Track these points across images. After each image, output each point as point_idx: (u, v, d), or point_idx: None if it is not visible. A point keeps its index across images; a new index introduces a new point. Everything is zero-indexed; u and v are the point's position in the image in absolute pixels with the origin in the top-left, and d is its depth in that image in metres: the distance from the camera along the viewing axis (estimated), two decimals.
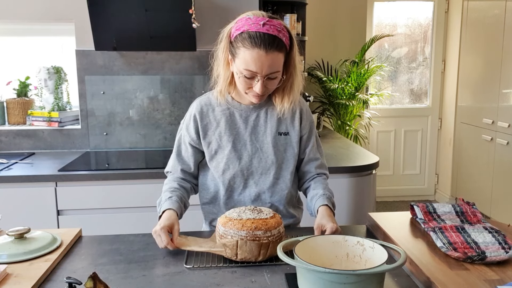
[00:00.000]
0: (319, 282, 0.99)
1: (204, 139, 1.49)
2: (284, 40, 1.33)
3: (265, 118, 1.48)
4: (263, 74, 1.33)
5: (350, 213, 2.47)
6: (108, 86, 2.89)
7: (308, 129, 1.53)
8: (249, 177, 1.49)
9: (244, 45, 1.31)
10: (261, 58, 1.30)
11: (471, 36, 4.17)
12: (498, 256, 1.17)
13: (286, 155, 1.50)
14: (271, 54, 1.30)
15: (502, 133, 3.70)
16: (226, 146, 1.47)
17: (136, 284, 1.17)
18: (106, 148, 2.96)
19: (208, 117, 1.49)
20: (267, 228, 1.27)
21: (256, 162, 1.48)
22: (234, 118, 1.48)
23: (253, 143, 1.48)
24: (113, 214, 2.40)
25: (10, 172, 2.38)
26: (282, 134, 1.49)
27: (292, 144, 1.50)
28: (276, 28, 1.32)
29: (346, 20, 4.38)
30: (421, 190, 4.89)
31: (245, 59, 1.32)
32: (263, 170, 1.48)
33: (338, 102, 4.04)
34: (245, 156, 1.47)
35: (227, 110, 1.48)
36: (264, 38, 1.29)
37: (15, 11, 2.80)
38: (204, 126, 1.49)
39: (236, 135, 1.48)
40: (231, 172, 1.48)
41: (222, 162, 1.48)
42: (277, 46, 1.31)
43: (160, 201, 1.46)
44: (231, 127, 1.47)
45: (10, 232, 1.32)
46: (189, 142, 1.51)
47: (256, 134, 1.48)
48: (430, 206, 1.49)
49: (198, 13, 2.73)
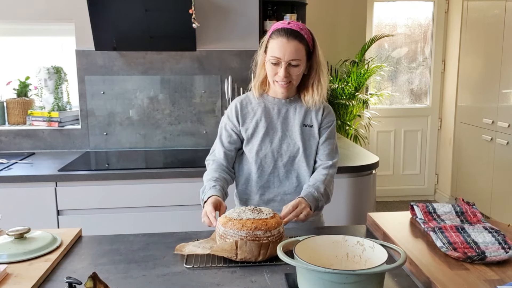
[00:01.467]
0: (319, 282, 0.99)
1: (243, 125, 1.72)
2: (305, 36, 1.59)
3: (294, 111, 1.71)
4: (286, 59, 1.57)
5: (350, 213, 2.47)
6: (108, 86, 2.89)
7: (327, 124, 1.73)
8: (278, 159, 1.69)
9: (272, 38, 1.61)
10: (284, 45, 1.56)
11: (471, 36, 4.17)
12: (498, 256, 1.17)
13: (309, 144, 1.71)
14: (292, 42, 1.56)
15: (502, 133, 3.70)
16: (260, 131, 1.70)
17: (136, 284, 1.17)
18: (106, 148, 2.96)
19: (247, 108, 1.74)
20: (267, 228, 1.28)
21: (285, 146, 1.69)
22: (269, 110, 1.72)
23: (283, 131, 1.70)
24: (113, 214, 2.40)
25: (10, 172, 2.38)
26: (307, 126, 1.71)
27: (315, 135, 1.71)
28: (298, 26, 1.60)
29: (346, 20, 4.38)
30: (421, 190, 4.89)
31: (272, 48, 1.59)
32: (290, 154, 1.69)
33: (338, 102, 4.04)
34: (276, 140, 1.69)
35: (263, 103, 1.73)
36: (287, 30, 1.58)
37: (15, 11, 2.80)
38: (244, 114, 1.73)
39: (269, 122, 1.70)
40: (263, 153, 1.69)
41: (256, 144, 1.70)
42: (297, 37, 1.57)
43: (204, 189, 1.61)
44: (266, 116, 1.71)
45: (10, 232, 1.32)
46: (231, 128, 1.74)
47: (286, 124, 1.71)
48: (430, 206, 1.49)
49: (198, 13, 2.73)
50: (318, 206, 1.62)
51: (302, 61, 1.60)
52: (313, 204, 1.58)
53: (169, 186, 2.41)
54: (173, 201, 2.41)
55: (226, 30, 2.90)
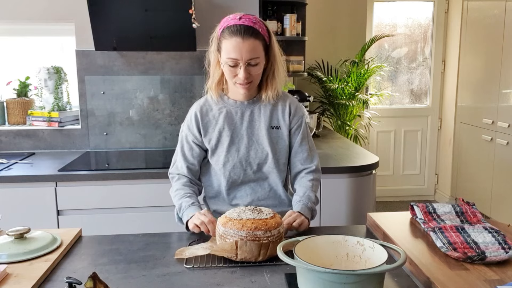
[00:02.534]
0: (319, 282, 0.99)
1: (205, 136, 1.61)
2: (260, 30, 1.49)
3: (258, 113, 1.61)
4: (244, 59, 1.46)
5: (350, 213, 2.47)
6: (108, 86, 2.89)
7: (297, 123, 1.64)
8: (247, 167, 1.61)
9: (224, 37, 1.49)
10: (239, 45, 1.45)
11: (471, 36, 4.17)
12: (498, 256, 1.17)
13: (278, 147, 1.62)
14: (248, 40, 1.45)
15: (502, 133, 3.70)
16: (225, 141, 1.60)
17: (136, 284, 1.17)
18: (106, 148, 2.96)
19: (207, 116, 1.62)
20: (267, 228, 1.28)
21: (253, 153, 1.60)
22: (231, 115, 1.61)
23: (249, 136, 1.60)
24: (113, 214, 2.40)
25: (10, 172, 2.38)
26: (274, 127, 1.61)
27: (283, 137, 1.62)
28: (251, 21, 1.49)
29: (346, 20, 4.38)
30: (421, 190, 4.89)
31: (227, 49, 1.48)
32: (260, 160, 1.60)
33: (338, 102, 4.04)
34: (242, 148, 1.60)
35: (224, 108, 1.61)
36: (240, 28, 1.46)
37: (15, 11, 2.80)
38: (205, 124, 1.61)
39: (233, 130, 1.60)
40: (231, 164, 1.60)
41: (222, 155, 1.60)
42: (253, 34, 1.47)
43: (181, 207, 1.55)
44: (229, 123, 1.60)
45: (10, 232, 1.32)
46: (192, 140, 1.63)
47: (252, 128, 1.61)
48: (430, 206, 1.49)
49: (198, 13, 2.73)
50: (313, 216, 1.59)
51: (261, 58, 1.50)
52: (309, 216, 1.55)
53: (169, 186, 2.39)
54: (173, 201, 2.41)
55: None
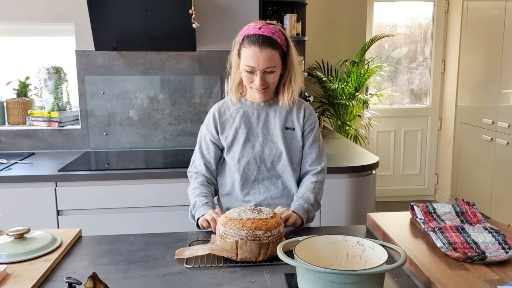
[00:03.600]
0: (319, 282, 0.99)
1: (222, 134, 1.69)
2: (278, 41, 1.56)
3: (274, 115, 1.69)
4: (260, 68, 1.54)
5: (350, 213, 2.47)
6: (108, 86, 2.89)
7: (310, 127, 1.71)
8: (261, 164, 1.66)
9: (244, 45, 1.57)
10: (256, 55, 1.53)
11: (471, 36, 4.17)
12: (498, 256, 1.17)
13: (292, 147, 1.68)
14: (265, 50, 1.53)
15: (502, 133, 3.70)
16: (241, 138, 1.67)
17: (136, 284, 1.17)
18: (106, 148, 2.96)
19: (225, 115, 1.70)
20: (267, 228, 1.28)
21: (267, 151, 1.66)
22: (248, 115, 1.68)
23: (264, 135, 1.67)
24: (113, 214, 2.40)
25: (10, 172, 2.38)
26: (288, 128, 1.68)
27: (297, 138, 1.69)
28: (270, 31, 1.56)
29: (346, 20, 4.38)
30: (421, 190, 4.89)
31: (245, 56, 1.56)
32: (274, 158, 1.66)
33: (338, 102, 4.04)
34: (257, 146, 1.66)
35: (241, 108, 1.69)
36: (259, 38, 1.54)
37: (15, 11, 2.80)
38: (222, 122, 1.69)
39: (249, 128, 1.67)
40: (246, 160, 1.65)
41: (238, 151, 1.66)
42: (270, 44, 1.54)
43: (195, 204, 1.60)
44: (245, 122, 1.67)
45: (10, 232, 1.32)
46: (209, 139, 1.71)
47: (267, 128, 1.68)
48: (430, 206, 1.49)
49: (198, 13, 2.73)
50: (309, 217, 1.60)
51: (277, 67, 1.58)
52: (305, 217, 1.56)
53: (169, 186, 2.41)
54: (173, 201, 2.41)
55: (226, 30, 2.90)
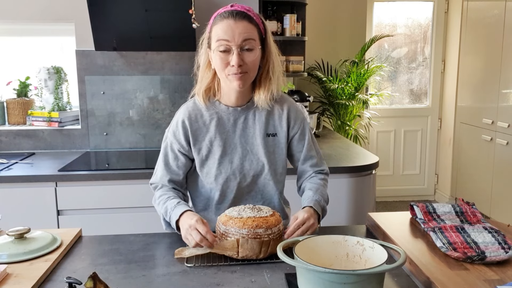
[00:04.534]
0: (319, 282, 0.99)
1: (194, 145, 1.46)
2: (255, 18, 1.36)
3: (253, 119, 1.46)
4: (236, 41, 1.32)
5: (350, 213, 2.47)
6: (108, 86, 2.89)
7: (300, 128, 1.51)
8: (242, 180, 1.47)
9: (215, 24, 1.36)
10: (231, 26, 1.32)
11: (471, 36, 4.17)
12: (497, 256, 1.18)
13: (275, 156, 1.48)
14: (240, 22, 1.33)
15: (502, 133, 3.70)
16: (217, 151, 1.45)
17: (136, 284, 1.17)
18: (106, 148, 2.96)
19: (197, 123, 1.46)
20: (268, 226, 1.28)
21: (247, 165, 1.46)
22: (223, 122, 1.46)
23: (243, 146, 1.46)
24: (113, 214, 2.40)
25: (10, 172, 2.38)
26: (270, 135, 1.47)
27: (280, 145, 1.49)
28: (244, 8, 1.37)
29: (346, 20, 4.38)
30: (421, 190, 4.89)
31: (217, 33, 1.34)
32: (255, 172, 1.47)
33: (338, 102, 4.04)
34: (236, 159, 1.46)
35: (215, 114, 1.46)
36: (232, 11, 1.34)
37: (15, 11, 2.80)
38: (194, 132, 1.45)
39: (226, 139, 1.45)
40: (224, 177, 1.46)
41: (214, 167, 1.45)
42: (246, 17, 1.34)
43: (166, 210, 1.39)
44: (220, 131, 1.45)
45: (10, 232, 1.32)
46: (178, 149, 1.47)
47: (245, 137, 1.46)
48: (430, 206, 1.49)
49: (198, 13, 2.73)
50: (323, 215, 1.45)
51: (256, 42, 1.35)
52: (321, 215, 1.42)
53: None
54: None
55: None
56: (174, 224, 1.36)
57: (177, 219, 1.34)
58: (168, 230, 1.43)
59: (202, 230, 1.26)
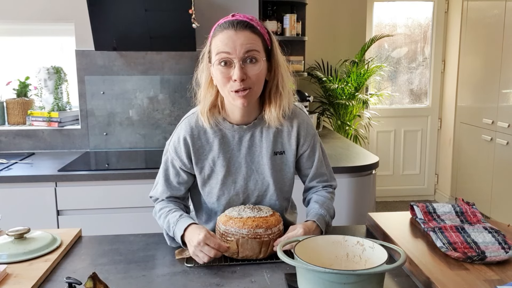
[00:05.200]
0: (319, 282, 0.99)
1: (196, 164, 1.37)
2: (258, 28, 1.26)
3: (260, 137, 1.37)
4: (238, 53, 1.21)
5: (350, 213, 2.47)
6: (108, 86, 2.89)
7: (310, 145, 1.42)
8: (246, 200, 1.41)
9: (215, 36, 1.26)
10: (231, 37, 1.22)
11: (471, 36, 4.17)
12: (498, 256, 1.17)
13: (282, 174, 1.40)
14: (242, 32, 1.22)
15: (502, 133, 3.70)
16: (220, 171, 1.37)
17: (136, 284, 1.17)
18: (106, 148, 2.96)
19: (200, 140, 1.36)
20: (268, 226, 1.28)
21: (252, 185, 1.39)
22: (227, 140, 1.36)
23: (248, 165, 1.38)
24: (113, 214, 2.40)
25: (10, 172, 2.38)
26: (278, 153, 1.38)
27: (288, 164, 1.40)
28: (246, 17, 1.27)
29: (346, 20, 4.38)
30: (421, 190, 4.89)
31: (217, 45, 1.24)
32: (259, 192, 1.40)
33: (338, 102, 4.04)
34: (240, 179, 1.38)
35: (220, 131, 1.36)
36: (232, 21, 1.25)
37: (15, 11, 2.80)
38: (196, 150, 1.36)
39: (230, 158, 1.37)
40: (226, 198, 1.39)
41: (216, 188, 1.38)
42: (247, 27, 1.23)
43: (169, 224, 1.33)
44: (224, 150, 1.36)
45: (10, 232, 1.32)
46: (179, 166, 1.39)
47: (251, 155, 1.37)
48: (430, 206, 1.49)
49: (198, 13, 2.73)
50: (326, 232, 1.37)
51: (261, 54, 1.24)
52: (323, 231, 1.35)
53: None
54: None
55: None
56: (180, 240, 1.29)
57: (181, 234, 1.28)
58: (173, 245, 1.36)
59: (213, 244, 1.21)
